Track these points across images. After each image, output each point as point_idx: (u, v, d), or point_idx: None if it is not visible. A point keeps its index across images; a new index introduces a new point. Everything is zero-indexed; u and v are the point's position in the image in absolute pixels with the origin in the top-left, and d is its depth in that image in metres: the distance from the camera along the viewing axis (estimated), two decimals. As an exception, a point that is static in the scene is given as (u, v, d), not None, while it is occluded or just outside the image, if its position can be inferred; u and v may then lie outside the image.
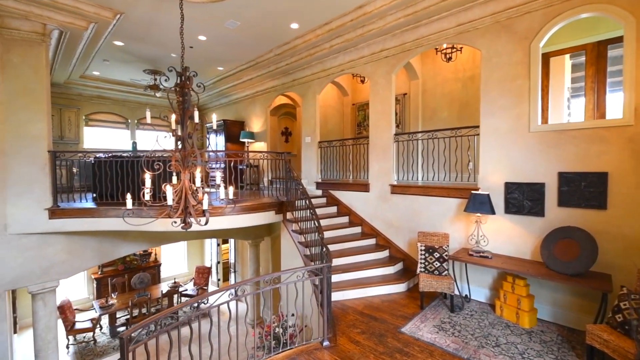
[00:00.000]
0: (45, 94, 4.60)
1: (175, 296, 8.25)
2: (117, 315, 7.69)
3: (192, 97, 3.63)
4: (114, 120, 9.00)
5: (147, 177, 3.37)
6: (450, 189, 4.49)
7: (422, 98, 6.17)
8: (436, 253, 4.19)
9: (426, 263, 4.21)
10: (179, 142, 3.49)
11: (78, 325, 6.90)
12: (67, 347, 6.89)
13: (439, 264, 4.15)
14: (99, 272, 8.93)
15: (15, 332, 6.43)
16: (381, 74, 5.29)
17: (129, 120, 9.26)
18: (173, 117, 3.58)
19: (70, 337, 6.99)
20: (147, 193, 3.42)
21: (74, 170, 6.64)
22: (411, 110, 6.29)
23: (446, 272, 4.12)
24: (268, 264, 8.36)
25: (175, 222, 3.64)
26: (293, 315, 4.69)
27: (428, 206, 4.73)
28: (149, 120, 3.37)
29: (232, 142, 8.37)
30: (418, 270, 4.24)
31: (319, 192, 6.47)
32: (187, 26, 5.14)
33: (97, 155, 5.24)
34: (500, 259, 3.83)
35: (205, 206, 3.21)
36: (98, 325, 7.49)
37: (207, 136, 9.31)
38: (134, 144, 8.48)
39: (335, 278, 4.52)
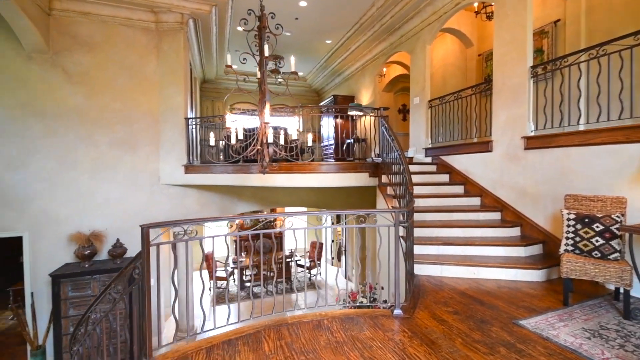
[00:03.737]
0: (183, 72, 5.64)
1: (292, 264, 8.90)
2: (246, 273, 8.91)
3: (271, 39, 3.58)
4: (249, 109, 10.47)
5: (228, 118, 3.52)
6: (631, 130, 2.81)
7: (586, 20, 4.25)
8: (597, 225, 2.68)
9: (577, 239, 2.76)
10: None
11: (217, 274, 8.34)
12: (210, 289, 8.43)
13: (602, 242, 2.64)
14: (238, 236, 10.60)
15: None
16: (511, -12, 3.92)
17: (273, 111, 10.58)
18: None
19: (212, 282, 8.50)
20: (232, 137, 3.57)
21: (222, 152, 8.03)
22: (567, 42, 4.44)
23: (616, 254, 2.57)
24: (372, 240, 7.79)
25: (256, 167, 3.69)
26: (383, 288, 4.06)
27: (588, 161, 3.14)
28: (229, 61, 3.52)
29: (342, 119, 8.22)
30: (562, 248, 2.83)
31: (428, 160, 5.45)
32: (286, -10, 5.27)
33: (220, 121, 6.09)
34: None
35: (270, 139, 3.07)
36: (231, 277, 8.85)
37: (320, 119, 9.52)
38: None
39: (432, 250, 3.60)
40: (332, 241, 10.42)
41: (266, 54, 3.29)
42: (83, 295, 4.80)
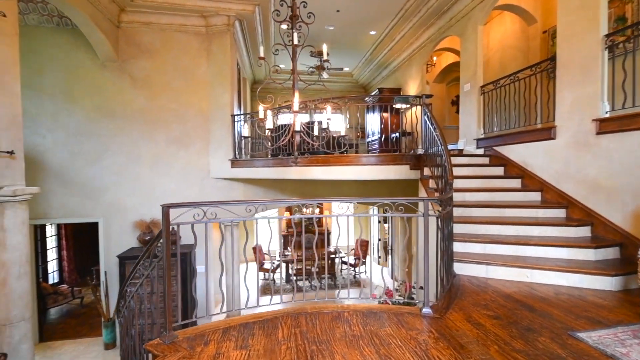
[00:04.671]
0: (229, 71, 5.95)
1: (337, 260, 8.88)
2: (294, 266, 9.13)
3: (303, 29, 3.59)
4: (304, 107, 10.68)
5: (261, 108, 3.61)
6: None
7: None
8: (694, 223, 2.12)
9: (664, 240, 2.22)
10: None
11: (264, 266, 8.67)
12: (258, 280, 8.81)
13: (700, 245, 2.08)
14: (285, 231, 10.90)
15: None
16: (580, -54, 3.33)
17: (308, 105, 10.70)
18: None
19: (260, 274, 8.86)
20: (267, 128, 3.65)
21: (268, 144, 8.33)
22: (661, 4, 3.64)
23: None
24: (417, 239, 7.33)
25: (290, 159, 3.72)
26: (422, 288, 3.78)
27: (683, 145, 2.52)
28: (262, 53, 3.61)
29: (387, 112, 7.90)
30: (642, 251, 2.31)
31: (480, 151, 4.94)
32: (325, -18, 5.21)
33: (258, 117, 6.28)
34: None
35: (297, 127, 3.06)
36: (278, 270, 9.15)
37: (365, 114, 9.24)
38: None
39: (477, 248, 3.25)
40: (379, 240, 10.12)
41: (295, 42, 3.29)
42: (159, 275, 5.37)
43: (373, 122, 8.40)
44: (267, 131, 3.76)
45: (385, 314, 2.28)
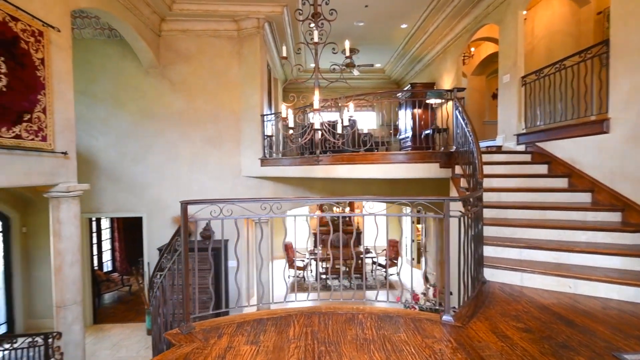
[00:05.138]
0: (259, 72, 6.10)
1: (368, 261, 8.74)
2: (323, 265, 9.13)
3: (325, 25, 3.58)
4: (329, 105, 10.67)
5: (283, 107, 3.64)
6: None
7: None
8: None
9: None
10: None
11: (295, 263, 8.79)
12: (288, 277, 8.95)
13: None
14: (317, 230, 10.95)
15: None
16: None
17: (339, 104, 10.65)
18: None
19: (291, 271, 8.99)
20: (290, 127, 3.70)
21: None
22: None
23: None
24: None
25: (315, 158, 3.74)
26: (451, 294, 3.58)
27: None
28: (284, 53, 3.64)
29: (421, 108, 7.58)
30: None
31: (521, 148, 4.55)
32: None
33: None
34: None
35: (317, 125, 3.04)
36: (308, 267, 9.21)
37: (398, 111, 8.95)
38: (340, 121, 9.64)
39: (513, 254, 2.99)
40: (412, 241, 9.78)
41: (316, 39, 3.28)
42: (180, 268, 5.72)
43: (405, 119, 8.12)
44: (290, 130, 3.78)
45: (402, 319, 2.19)
